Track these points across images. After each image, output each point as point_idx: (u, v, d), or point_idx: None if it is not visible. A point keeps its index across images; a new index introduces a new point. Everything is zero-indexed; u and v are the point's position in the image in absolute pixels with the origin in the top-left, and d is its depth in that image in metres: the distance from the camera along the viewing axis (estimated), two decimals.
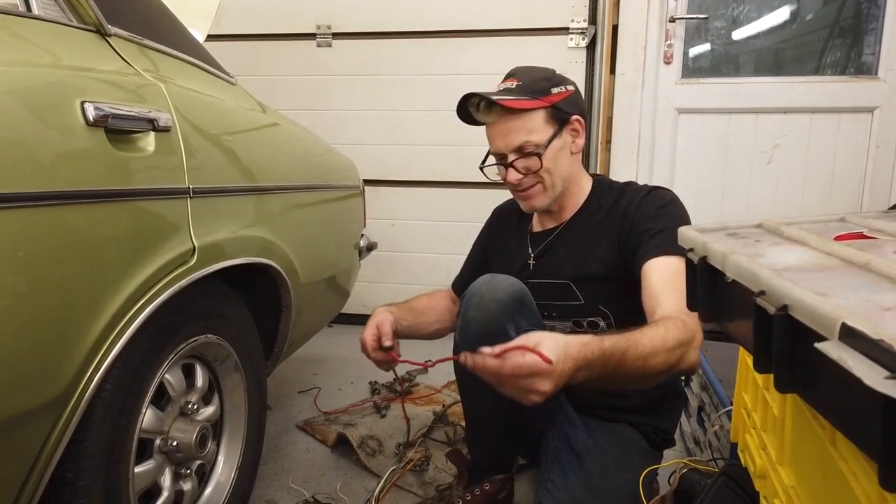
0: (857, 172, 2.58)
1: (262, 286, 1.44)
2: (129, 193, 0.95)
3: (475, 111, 1.31)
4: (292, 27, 2.84)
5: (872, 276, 0.47)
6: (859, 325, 0.37)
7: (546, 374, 0.86)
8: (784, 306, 0.44)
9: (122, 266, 0.94)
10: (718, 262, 0.56)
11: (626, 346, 0.94)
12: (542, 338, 0.89)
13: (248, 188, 1.32)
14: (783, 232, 0.63)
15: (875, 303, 0.41)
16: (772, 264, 0.52)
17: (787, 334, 0.44)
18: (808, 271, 0.50)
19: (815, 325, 0.41)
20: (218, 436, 1.35)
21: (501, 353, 0.88)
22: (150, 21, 1.26)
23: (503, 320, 1.17)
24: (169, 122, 1.05)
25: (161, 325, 1.06)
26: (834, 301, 0.41)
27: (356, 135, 2.85)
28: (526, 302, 1.22)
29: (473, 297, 1.21)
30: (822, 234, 0.61)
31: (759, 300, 0.47)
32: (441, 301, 1.58)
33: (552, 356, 0.85)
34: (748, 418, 0.81)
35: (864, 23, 2.58)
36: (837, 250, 0.53)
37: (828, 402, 0.41)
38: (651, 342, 0.96)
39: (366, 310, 2.99)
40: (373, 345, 1.34)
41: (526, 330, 1.17)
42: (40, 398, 0.82)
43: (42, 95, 0.82)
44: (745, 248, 0.58)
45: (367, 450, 1.70)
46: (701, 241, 0.61)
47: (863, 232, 0.61)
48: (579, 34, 2.60)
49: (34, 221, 0.79)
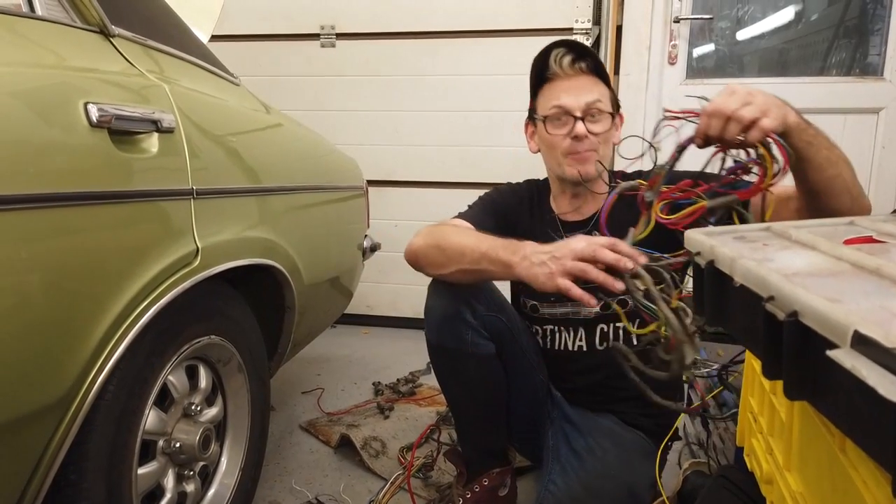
0: (863, 173, 2.56)
1: (265, 287, 1.44)
2: (133, 195, 0.95)
3: (555, 62, 1.30)
4: (296, 28, 2.83)
5: (884, 281, 0.47)
6: (872, 332, 0.36)
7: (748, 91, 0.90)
8: (794, 312, 0.44)
9: (126, 267, 0.94)
10: (726, 267, 0.55)
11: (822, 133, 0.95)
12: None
13: (252, 189, 1.32)
14: (791, 235, 0.62)
15: (888, 308, 0.41)
16: (781, 269, 0.51)
17: (797, 341, 0.43)
18: (817, 276, 0.49)
19: (827, 333, 0.40)
20: (221, 437, 1.34)
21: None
22: (154, 21, 1.26)
23: (459, 304, 1.24)
24: (172, 124, 1.05)
25: (164, 326, 1.06)
26: (845, 307, 0.41)
27: (359, 135, 2.85)
28: (481, 288, 1.27)
29: (436, 286, 1.28)
30: (831, 237, 0.61)
31: (768, 306, 0.47)
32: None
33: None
34: (754, 422, 0.81)
35: (869, 23, 2.56)
36: (847, 255, 0.53)
37: (839, 410, 0.40)
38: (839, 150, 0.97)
39: (369, 310, 3.00)
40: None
41: (482, 315, 1.25)
42: (44, 400, 0.82)
43: (45, 96, 0.82)
44: (753, 251, 0.58)
45: (371, 451, 1.70)
46: (708, 245, 0.60)
47: (872, 236, 0.60)
48: (583, 35, 2.59)
49: (36, 222, 0.78)
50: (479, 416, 1.37)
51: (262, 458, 1.46)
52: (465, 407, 1.38)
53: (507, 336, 1.30)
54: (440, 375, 1.38)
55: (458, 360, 1.28)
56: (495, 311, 1.28)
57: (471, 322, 1.25)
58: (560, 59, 1.30)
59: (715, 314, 0.59)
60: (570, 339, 1.36)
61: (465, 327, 1.25)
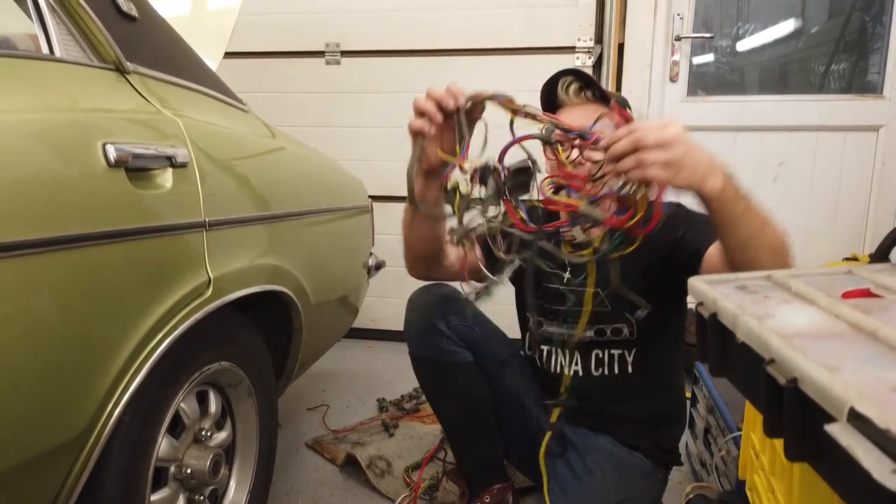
0: (863, 190, 2.59)
1: (272, 309, 1.46)
2: (148, 230, 0.97)
3: (562, 90, 1.32)
4: (302, 45, 2.86)
5: (880, 347, 0.49)
6: (867, 410, 0.38)
7: (678, 138, 0.87)
8: (794, 379, 0.46)
9: (141, 302, 0.96)
10: (729, 322, 0.58)
11: (754, 206, 0.95)
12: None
13: (261, 217, 1.34)
14: (791, 287, 0.64)
15: (883, 380, 0.43)
16: (781, 328, 0.53)
17: (798, 407, 0.45)
18: (817, 338, 0.51)
19: (825, 404, 0.42)
20: (230, 460, 1.36)
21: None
22: (166, 53, 1.28)
23: (433, 316, 1.35)
24: (186, 158, 1.07)
25: (177, 355, 1.08)
26: (843, 378, 0.43)
27: (364, 150, 2.88)
28: (453, 301, 1.37)
29: (411, 302, 1.40)
30: (830, 289, 0.63)
31: (769, 369, 0.49)
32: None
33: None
34: (756, 458, 0.83)
35: (868, 41, 2.59)
36: (846, 313, 0.55)
37: (836, 478, 0.42)
38: (768, 213, 0.97)
39: (373, 324, 3.02)
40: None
41: (455, 325, 1.35)
42: (64, 436, 0.84)
43: (65, 141, 0.84)
44: (754, 305, 0.60)
45: (376, 470, 1.72)
46: (711, 298, 0.62)
47: (869, 289, 0.62)
48: (585, 53, 2.62)
49: (57, 264, 0.81)
50: (468, 426, 1.43)
51: (269, 479, 1.47)
52: (454, 417, 1.45)
53: (483, 346, 1.38)
54: (426, 388, 1.46)
55: (439, 369, 1.37)
56: (468, 323, 1.37)
57: (444, 332, 1.34)
58: (567, 87, 1.33)
59: (718, 365, 0.61)
60: (566, 362, 1.39)
61: (441, 336, 1.34)
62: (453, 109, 0.99)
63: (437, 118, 0.99)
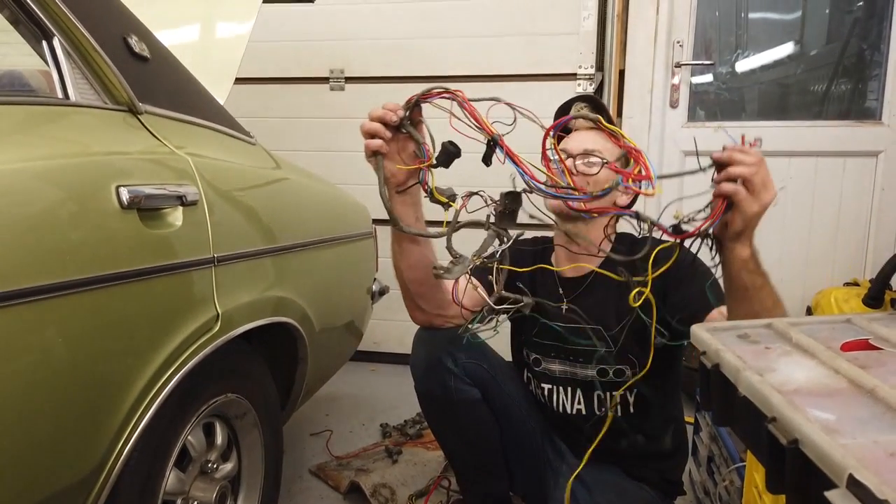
0: (863, 215, 2.61)
1: (277, 338, 1.47)
2: (159, 269, 0.99)
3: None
4: (306, 71, 2.91)
5: (878, 407, 0.50)
6: (866, 479, 0.39)
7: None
8: (795, 440, 0.47)
9: (151, 340, 0.98)
10: (731, 376, 0.59)
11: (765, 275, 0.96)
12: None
13: (267, 250, 1.35)
14: (792, 337, 0.66)
15: (881, 445, 0.44)
16: (782, 384, 0.55)
17: (799, 467, 0.47)
18: (817, 396, 0.53)
19: (825, 468, 0.43)
20: (235, 490, 1.37)
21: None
22: (176, 91, 1.30)
23: (440, 353, 1.32)
24: (196, 196, 1.09)
25: (185, 389, 1.09)
26: (842, 443, 0.44)
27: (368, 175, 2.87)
28: (460, 336, 1.30)
29: (418, 338, 1.38)
30: (830, 340, 0.64)
31: (770, 427, 0.50)
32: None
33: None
34: (759, 498, 0.84)
35: (867, 68, 2.62)
36: (845, 369, 0.56)
37: None
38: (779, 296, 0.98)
39: (376, 346, 3.03)
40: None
41: (463, 362, 1.32)
42: (77, 475, 0.85)
43: (80, 186, 0.86)
44: (756, 358, 0.61)
45: (380, 498, 1.72)
46: (714, 348, 0.64)
47: (868, 340, 0.64)
48: (587, 80, 2.65)
49: (72, 307, 0.82)
50: (474, 462, 1.42)
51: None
52: (460, 453, 1.44)
53: (490, 382, 1.37)
54: (432, 423, 1.45)
55: (446, 406, 1.35)
56: (476, 359, 1.35)
57: (452, 369, 1.32)
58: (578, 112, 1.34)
59: (721, 416, 0.62)
60: (569, 400, 1.39)
61: (448, 374, 1.32)
62: (397, 121, 1.06)
63: (386, 134, 1.08)
